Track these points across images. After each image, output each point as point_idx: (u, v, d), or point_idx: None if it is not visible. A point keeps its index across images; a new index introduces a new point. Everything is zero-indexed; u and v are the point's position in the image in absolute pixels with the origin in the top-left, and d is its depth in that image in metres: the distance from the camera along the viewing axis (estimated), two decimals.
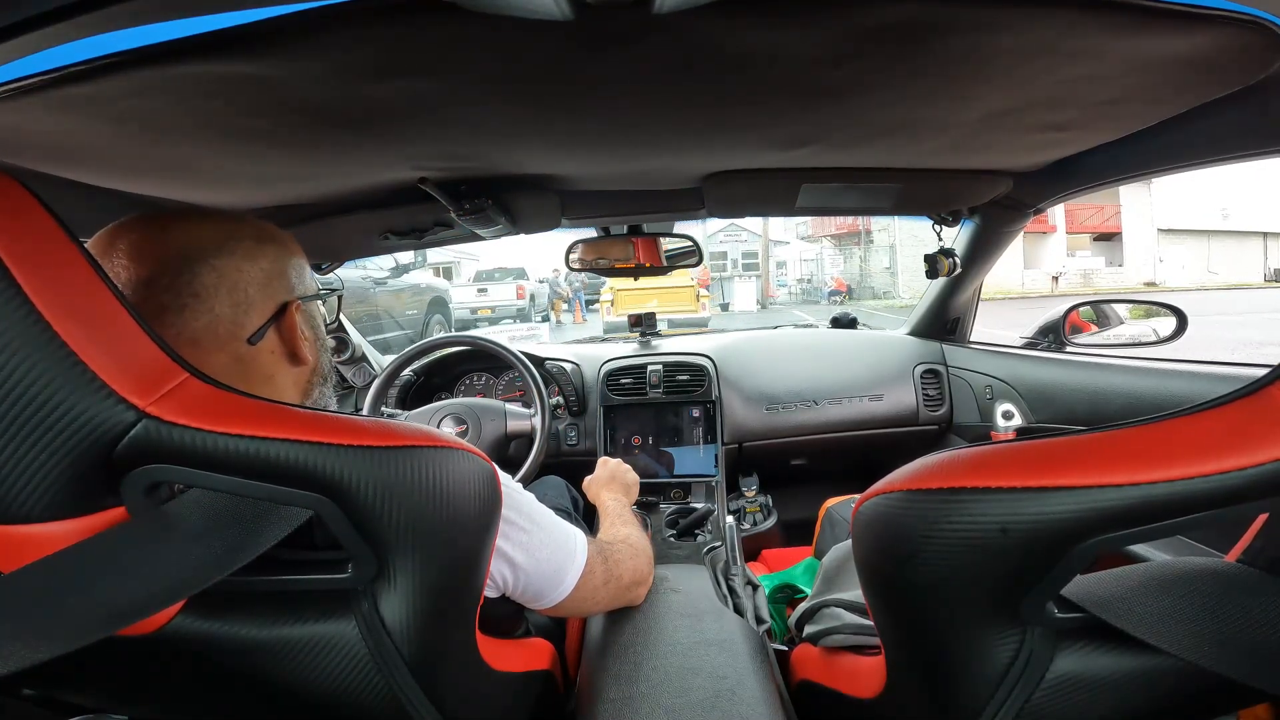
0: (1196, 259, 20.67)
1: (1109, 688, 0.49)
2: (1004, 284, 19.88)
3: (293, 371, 0.65)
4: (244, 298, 0.60)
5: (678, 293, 10.41)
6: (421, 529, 0.51)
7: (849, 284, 21.50)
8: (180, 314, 0.56)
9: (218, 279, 0.58)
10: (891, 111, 0.82)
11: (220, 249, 0.59)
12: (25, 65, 0.51)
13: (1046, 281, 20.50)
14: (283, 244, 0.65)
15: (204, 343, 0.57)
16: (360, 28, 0.53)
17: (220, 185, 0.98)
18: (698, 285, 10.97)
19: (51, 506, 0.40)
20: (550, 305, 15.41)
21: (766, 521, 1.76)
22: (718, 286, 19.31)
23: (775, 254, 23.37)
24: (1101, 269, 21.21)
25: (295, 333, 0.64)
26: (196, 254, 0.57)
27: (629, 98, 0.72)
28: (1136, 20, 0.58)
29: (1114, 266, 21.15)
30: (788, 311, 18.01)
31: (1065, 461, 0.45)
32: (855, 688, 0.74)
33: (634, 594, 0.90)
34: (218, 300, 0.58)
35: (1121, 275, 20.76)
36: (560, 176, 1.15)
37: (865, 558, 0.58)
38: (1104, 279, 20.73)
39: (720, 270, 21.13)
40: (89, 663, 0.49)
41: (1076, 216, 21.28)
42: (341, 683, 0.51)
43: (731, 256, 21.94)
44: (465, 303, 12.11)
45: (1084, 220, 21.49)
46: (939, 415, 1.84)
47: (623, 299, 10.14)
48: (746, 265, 21.97)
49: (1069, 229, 21.29)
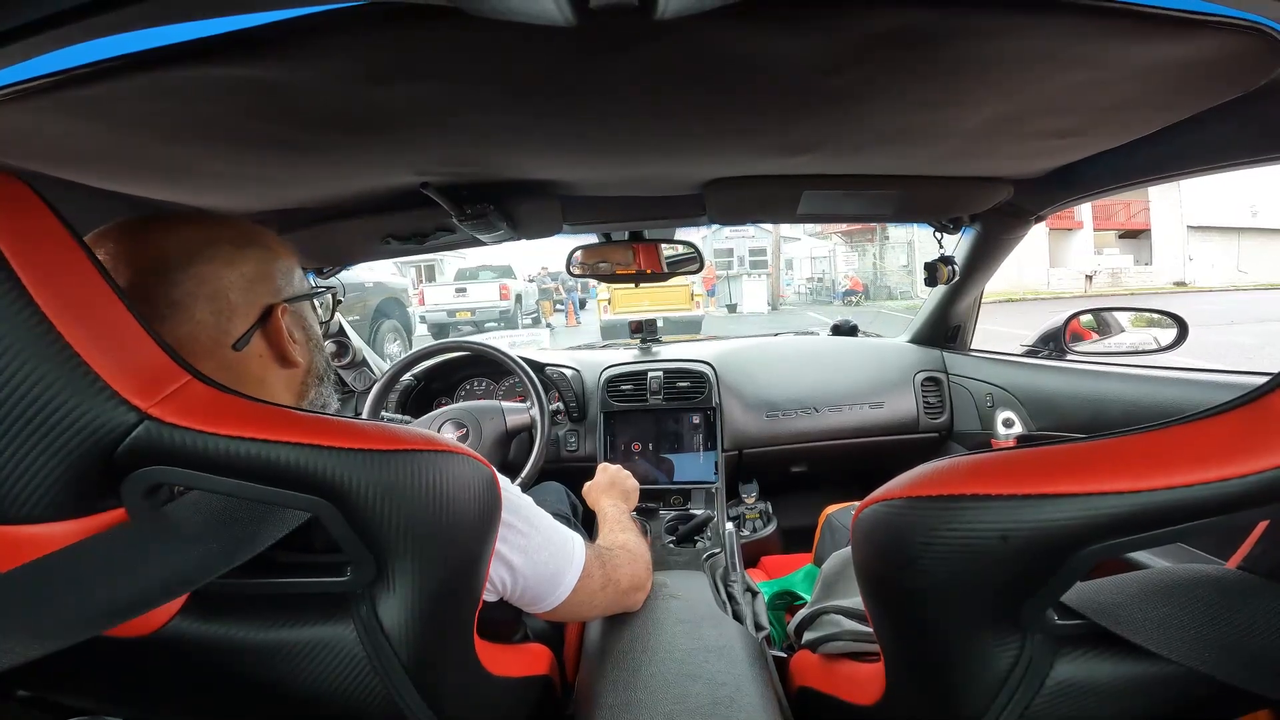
0: (1226, 257, 19.51)
1: (1109, 694, 0.49)
2: (1030, 283, 18.72)
3: (284, 374, 0.65)
4: (226, 304, 0.59)
5: (672, 292, 10.47)
6: (421, 533, 0.51)
7: (865, 283, 20.43)
8: (161, 324, 0.55)
9: (197, 286, 0.57)
10: (893, 118, 0.82)
11: (199, 256, 0.58)
12: (31, 68, 0.52)
13: (1075, 281, 19.37)
14: (266, 246, 0.64)
15: (188, 351, 0.54)
16: (363, 33, 0.53)
17: (223, 189, 0.98)
18: (690, 286, 10.97)
19: (52, 507, 0.40)
20: (538, 306, 14.44)
21: (766, 528, 1.76)
22: (724, 286, 18.46)
23: (784, 251, 21.86)
24: (1130, 268, 20.11)
25: (282, 336, 0.63)
26: (174, 262, 0.56)
27: (631, 103, 0.73)
28: (1137, 27, 0.58)
29: (1142, 265, 20.14)
30: (801, 313, 17.16)
31: (1065, 469, 0.45)
32: (854, 694, 0.74)
33: (632, 599, 0.90)
34: (198, 308, 0.57)
35: (1150, 275, 19.67)
36: (562, 182, 1.15)
37: (865, 564, 0.58)
38: (1133, 278, 19.69)
39: (726, 268, 19.87)
40: (86, 663, 0.49)
41: (1105, 213, 20.24)
42: (339, 686, 0.51)
43: (738, 254, 20.58)
44: (441, 304, 11.22)
45: (1112, 216, 20.38)
46: (939, 423, 1.84)
47: (620, 298, 10.25)
48: (754, 263, 20.60)
49: (1096, 225, 20.31)
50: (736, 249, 20.50)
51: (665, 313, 10.05)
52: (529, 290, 13.90)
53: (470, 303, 11.39)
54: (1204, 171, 0.99)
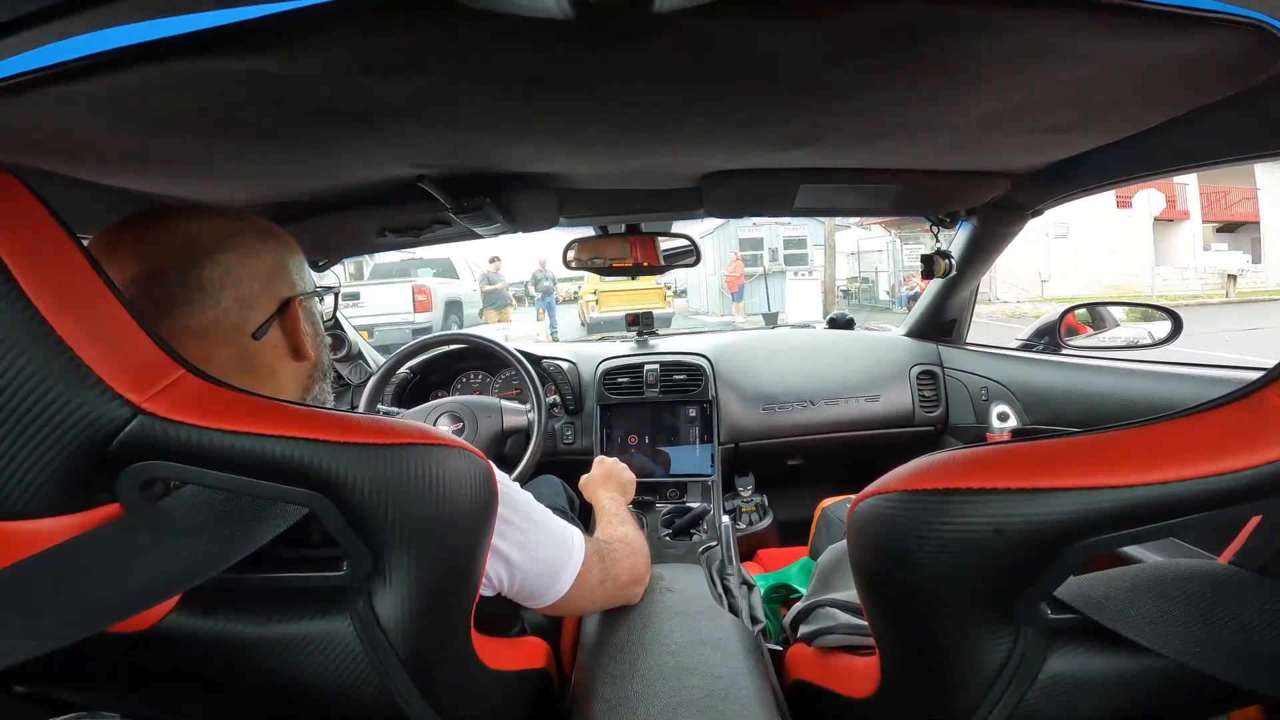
0: None
1: (1102, 689, 0.49)
2: (1131, 283, 14.29)
3: (294, 366, 0.66)
4: (248, 293, 0.61)
5: (645, 293, 11.44)
6: (417, 527, 0.51)
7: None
8: (189, 306, 0.57)
9: (224, 274, 0.59)
10: (890, 112, 0.82)
11: (225, 244, 0.59)
12: (25, 61, 0.51)
13: (1183, 281, 14.84)
14: (284, 241, 0.66)
15: (210, 336, 0.58)
16: (360, 25, 0.53)
17: (219, 181, 0.98)
18: (663, 289, 11.93)
19: (46, 502, 0.40)
20: (481, 315, 9.93)
21: (762, 521, 1.76)
22: (757, 286, 13.46)
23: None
24: (1248, 267, 15.50)
25: (299, 328, 0.65)
26: (203, 249, 0.58)
27: (628, 96, 0.72)
28: (1135, 22, 0.58)
29: (1254, 263, 15.81)
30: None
31: (1060, 463, 0.45)
32: (849, 688, 0.74)
33: (631, 593, 0.90)
34: (224, 294, 0.59)
35: (1261, 276, 15.33)
36: (559, 175, 1.15)
37: (860, 558, 0.59)
38: (1245, 280, 14.97)
39: (753, 262, 14.83)
40: (82, 660, 0.49)
41: (1216, 201, 15.85)
42: (336, 680, 0.51)
43: (769, 245, 15.52)
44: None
45: (1213, 204, 15.95)
46: (934, 416, 1.85)
47: (606, 298, 11.27)
48: (791, 258, 15.40)
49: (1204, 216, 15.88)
50: (767, 239, 15.64)
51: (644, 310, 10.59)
52: (468, 297, 9.68)
53: (369, 314, 7.70)
54: (1202, 167, 1.00)
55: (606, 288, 11.45)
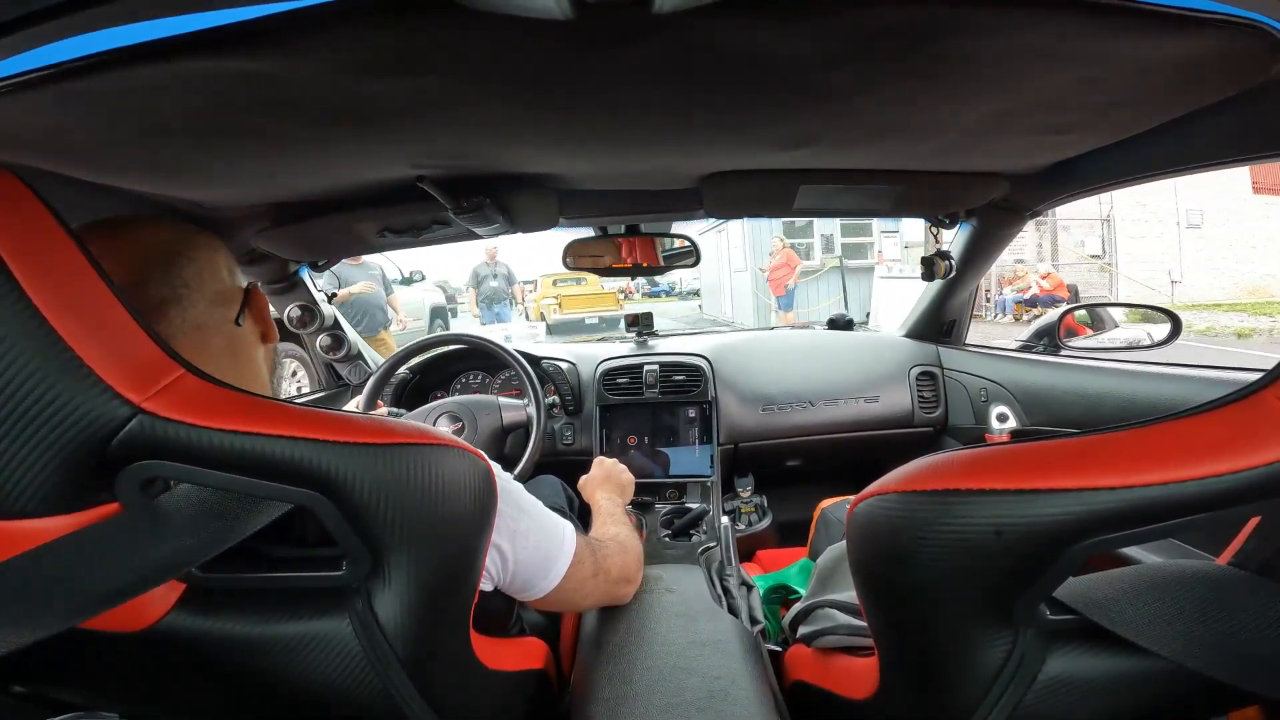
0: None
1: (1101, 690, 0.49)
2: (1272, 286, 10.94)
3: (264, 349, 0.71)
4: (222, 284, 0.65)
5: (600, 297, 12.18)
6: (416, 526, 0.51)
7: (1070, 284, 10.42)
8: (180, 304, 0.59)
9: (198, 270, 0.62)
10: (889, 113, 0.82)
11: (189, 245, 0.63)
12: (25, 60, 0.51)
13: None
14: (217, 240, 0.70)
15: (206, 326, 0.62)
16: (359, 25, 0.53)
17: (218, 182, 0.98)
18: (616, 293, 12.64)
19: (45, 501, 0.40)
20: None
21: (761, 522, 1.76)
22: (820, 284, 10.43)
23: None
24: None
25: (266, 310, 0.70)
26: (174, 251, 0.61)
27: (628, 97, 0.72)
28: (1134, 24, 0.58)
29: None
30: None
31: (1059, 464, 0.45)
32: (849, 688, 0.74)
33: (622, 591, 0.90)
34: (204, 288, 0.62)
35: None
36: (558, 175, 1.14)
37: (859, 559, 0.59)
38: None
39: (805, 252, 11.01)
40: (82, 658, 0.49)
41: None
42: (335, 680, 0.51)
43: (821, 232, 11.52)
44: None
45: None
46: (934, 417, 1.84)
47: (568, 302, 11.89)
48: (848, 247, 11.58)
49: None
50: (818, 225, 11.56)
51: (600, 313, 11.65)
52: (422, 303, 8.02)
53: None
54: (1202, 169, 0.99)
55: (565, 292, 12.19)
